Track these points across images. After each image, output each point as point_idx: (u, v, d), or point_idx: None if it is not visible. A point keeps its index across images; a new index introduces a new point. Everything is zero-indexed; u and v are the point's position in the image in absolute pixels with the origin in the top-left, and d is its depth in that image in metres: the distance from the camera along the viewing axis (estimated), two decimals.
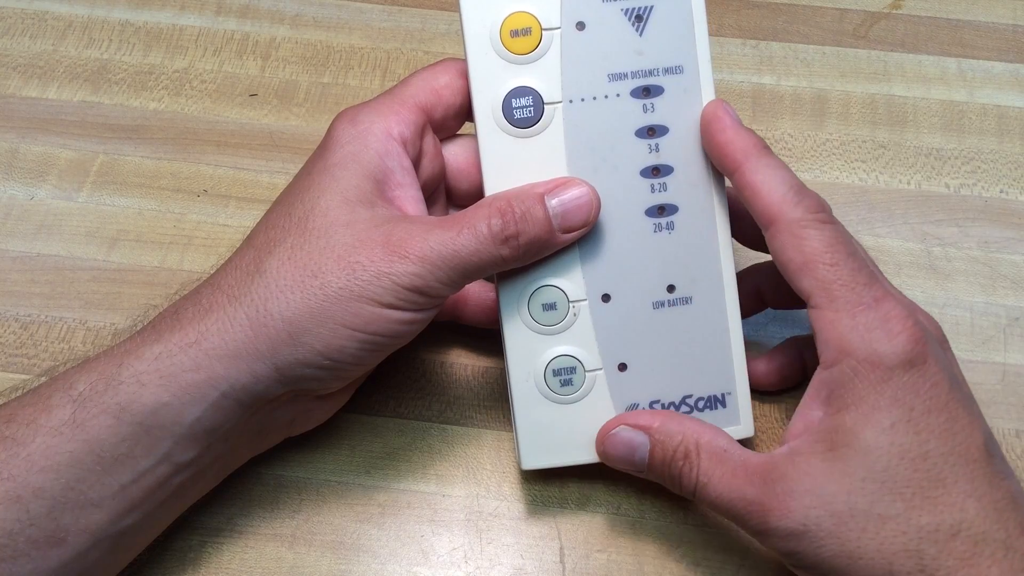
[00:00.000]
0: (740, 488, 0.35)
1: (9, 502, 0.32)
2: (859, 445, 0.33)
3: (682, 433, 0.37)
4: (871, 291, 0.34)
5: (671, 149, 0.38)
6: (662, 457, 0.37)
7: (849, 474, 0.33)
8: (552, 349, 0.38)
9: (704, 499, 0.36)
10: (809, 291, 0.35)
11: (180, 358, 0.34)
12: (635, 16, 0.37)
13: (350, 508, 0.42)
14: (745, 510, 0.34)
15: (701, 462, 0.36)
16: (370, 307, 0.35)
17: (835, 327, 0.34)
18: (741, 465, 0.35)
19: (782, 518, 0.33)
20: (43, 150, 0.52)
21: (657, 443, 0.37)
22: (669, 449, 0.37)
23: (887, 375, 0.33)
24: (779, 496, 0.34)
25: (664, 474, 0.37)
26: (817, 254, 0.35)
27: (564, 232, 0.36)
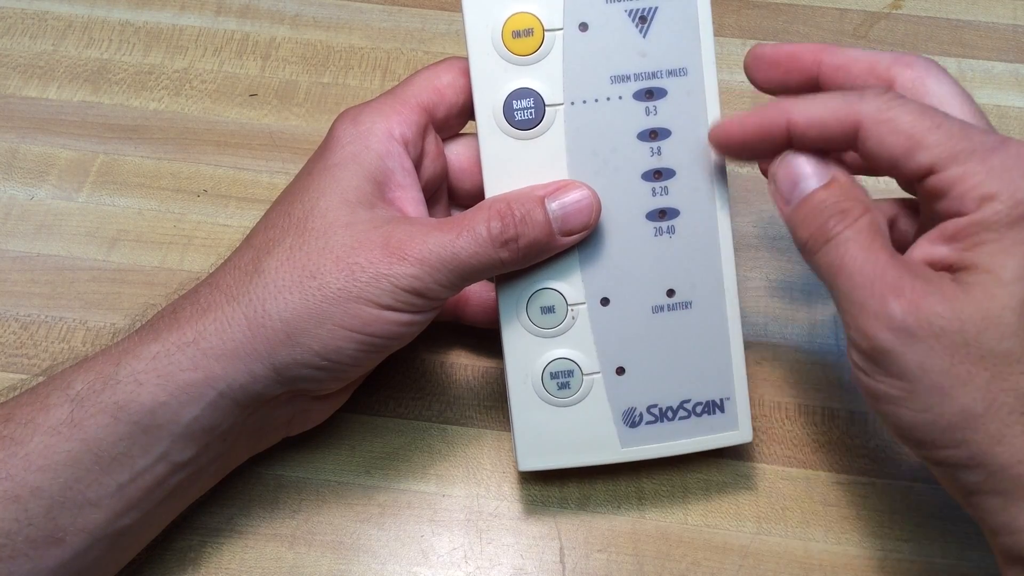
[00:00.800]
0: (880, 261, 0.32)
1: (7, 502, 0.32)
2: (1002, 275, 0.30)
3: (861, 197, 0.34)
4: (990, 136, 0.32)
5: (673, 152, 0.38)
6: (824, 200, 0.34)
7: (988, 300, 0.30)
8: (550, 352, 0.38)
9: (832, 253, 0.33)
10: (929, 161, 0.32)
11: (178, 357, 0.34)
12: (639, 17, 0.37)
13: (350, 508, 0.42)
14: (871, 281, 0.32)
15: (859, 223, 0.33)
16: (368, 308, 0.35)
17: (969, 178, 0.31)
18: (890, 248, 0.33)
19: (908, 309, 0.31)
20: (43, 150, 0.52)
21: (836, 183, 0.34)
22: (839, 196, 0.34)
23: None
24: (916, 288, 0.31)
25: (811, 212, 0.34)
26: (916, 125, 0.32)
27: (564, 235, 0.36)
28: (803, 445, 0.44)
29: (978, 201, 0.31)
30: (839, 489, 0.42)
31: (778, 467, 0.43)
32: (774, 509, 0.42)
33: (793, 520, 0.42)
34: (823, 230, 0.33)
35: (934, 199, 0.32)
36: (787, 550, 0.41)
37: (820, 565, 0.41)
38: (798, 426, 0.44)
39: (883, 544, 0.41)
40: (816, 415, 0.44)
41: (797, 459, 0.43)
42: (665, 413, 0.39)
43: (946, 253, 0.32)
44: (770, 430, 0.44)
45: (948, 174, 0.31)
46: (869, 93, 0.33)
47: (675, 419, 0.39)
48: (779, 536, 0.41)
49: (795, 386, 0.45)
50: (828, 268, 0.33)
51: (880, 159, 0.33)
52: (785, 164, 0.35)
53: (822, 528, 0.42)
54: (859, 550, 0.41)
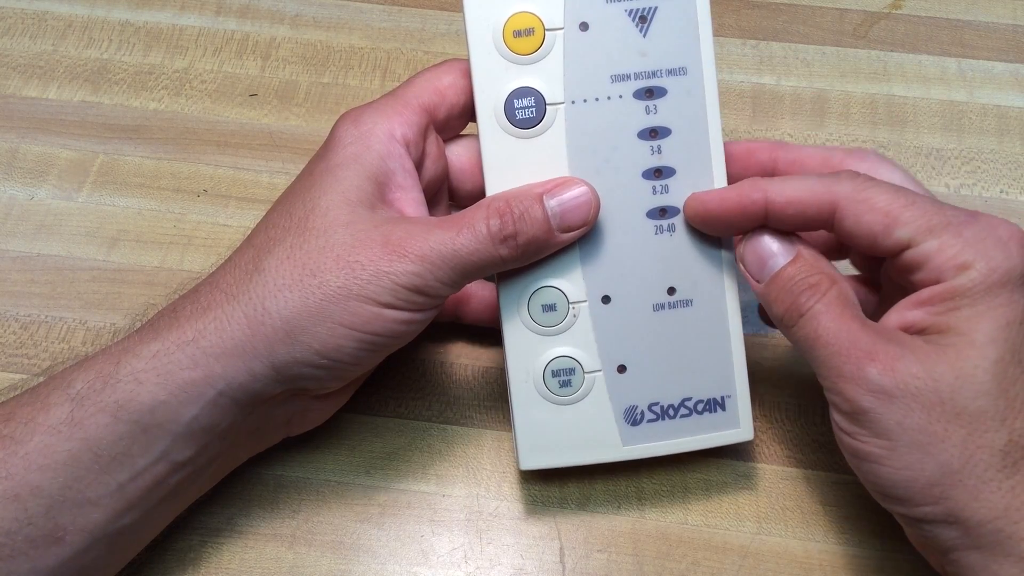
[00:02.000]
0: (852, 330, 0.34)
1: (7, 501, 0.32)
2: (974, 337, 0.32)
3: (825, 268, 0.36)
4: (960, 211, 0.34)
5: (673, 151, 0.38)
6: (793, 274, 0.36)
7: (961, 361, 0.32)
8: (551, 350, 0.38)
9: (808, 325, 0.35)
10: (906, 237, 0.34)
11: (177, 356, 0.34)
12: (639, 17, 0.37)
13: (350, 508, 0.42)
14: (847, 350, 0.33)
15: (828, 295, 0.35)
16: (368, 306, 0.35)
17: (946, 250, 0.33)
18: (860, 317, 0.34)
19: (883, 372, 0.32)
20: (43, 150, 0.52)
21: (801, 259, 0.36)
22: (806, 270, 0.36)
23: (1004, 279, 0.32)
24: (889, 353, 0.33)
25: (782, 289, 0.36)
26: (892, 203, 0.34)
27: (563, 232, 0.36)
28: (803, 445, 0.44)
29: (954, 270, 0.33)
30: (839, 489, 0.42)
31: (778, 467, 0.43)
32: (774, 509, 0.42)
33: (793, 520, 0.42)
34: (796, 306, 0.35)
35: (910, 272, 0.34)
36: (787, 550, 0.41)
37: (820, 565, 0.41)
38: (798, 426, 0.44)
39: (883, 544, 0.41)
40: (816, 415, 0.44)
41: (797, 459, 0.43)
42: (666, 411, 0.39)
43: (921, 317, 0.34)
44: (770, 430, 0.44)
45: (925, 247, 0.33)
46: (844, 175, 0.35)
47: (676, 417, 0.39)
48: (779, 536, 0.41)
49: (795, 386, 0.45)
50: (805, 340, 0.35)
51: (858, 237, 0.35)
52: (752, 244, 0.37)
53: (822, 528, 0.42)
54: (859, 550, 0.41)
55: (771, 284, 0.36)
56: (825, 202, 0.35)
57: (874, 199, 0.34)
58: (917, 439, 0.32)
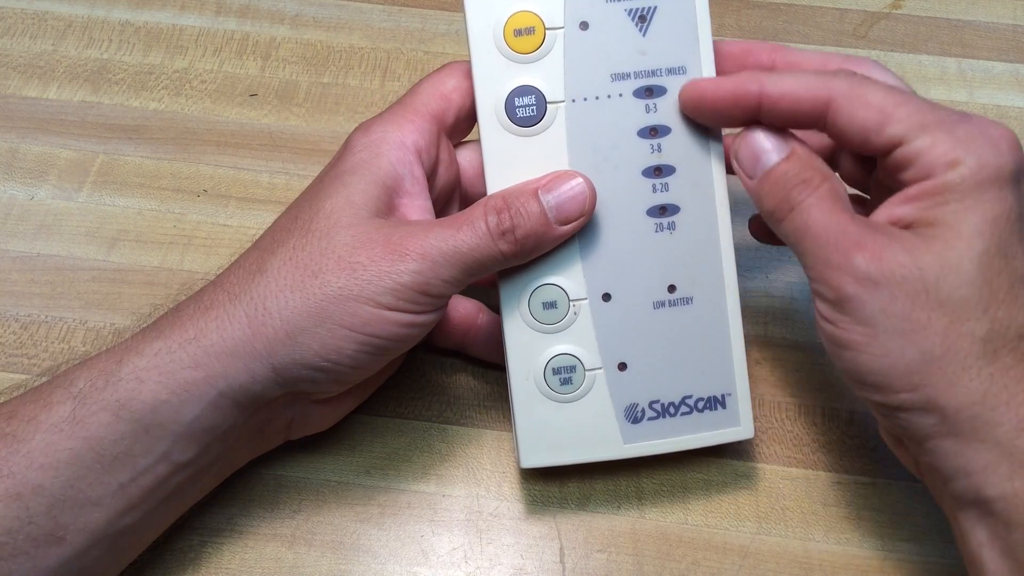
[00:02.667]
0: (842, 222, 0.34)
1: (9, 499, 0.32)
2: (961, 229, 0.32)
3: (819, 166, 0.36)
4: (953, 111, 0.34)
5: (673, 149, 0.38)
6: (786, 172, 0.36)
7: (947, 251, 0.32)
8: (552, 348, 0.38)
9: (798, 218, 0.35)
10: (899, 133, 0.34)
11: (179, 355, 0.34)
12: (639, 16, 0.37)
13: (350, 508, 0.42)
14: (836, 240, 0.34)
15: (820, 190, 0.35)
16: (369, 308, 0.35)
17: (937, 146, 0.33)
18: (850, 210, 0.35)
19: (870, 260, 0.33)
20: (43, 150, 0.52)
21: (795, 155, 0.36)
22: (800, 167, 0.36)
23: (994, 176, 0.33)
24: (877, 242, 0.33)
25: (775, 183, 0.36)
26: (886, 100, 0.34)
27: (561, 224, 0.36)
28: (803, 445, 0.44)
29: (945, 167, 0.33)
30: (839, 489, 0.42)
31: (778, 467, 0.43)
32: (774, 509, 0.42)
33: (793, 520, 0.42)
34: (787, 199, 0.35)
35: (901, 169, 0.34)
36: (787, 550, 0.41)
37: (820, 565, 0.41)
38: (798, 426, 0.44)
39: (883, 544, 0.41)
40: (816, 415, 0.44)
41: (797, 459, 0.43)
42: (667, 409, 0.39)
43: (909, 211, 0.34)
44: (770, 430, 0.44)
45: (916, 144, 0.33)
46: (840, 73, 0.35)
47: (677, 415, 0.39)
48: (779, 536, 0.41)
49: (795, 386, 0.45)
50: (795, 232, 0.35)
51: (850, 133, 0.35)
52: (746, 140, 0.37)
53: (822, 528, 0.42)
54: (859, 550, 0.41)
55: (764, 179, 0.36)
56: (820, 97, 0.35)
57: (868, 96, 0.34)
58: (899, 326, 0.32)
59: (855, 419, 0.44)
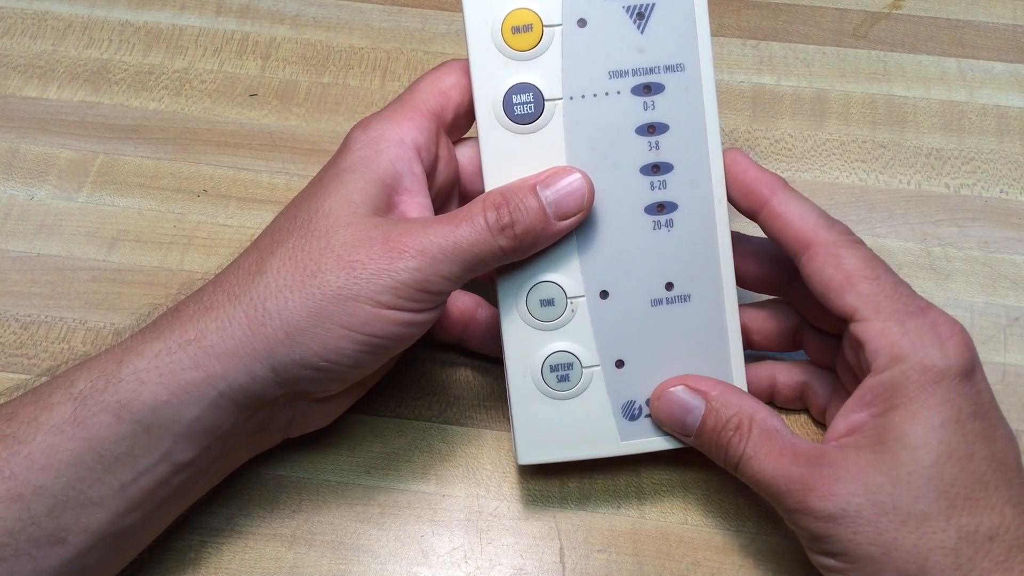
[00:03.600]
0: (785, 467, 0.35)
1: (10, 500, 0.32)
2: (908, 441, 0.33)
3: (738, 406, 0.37)
4: (915, 301, 0.35)
5: (671, 147, 0.38)
6: (714, 425, 0.37)
7: (897, 467, 0.33)
8: (550, 345, 0.38)
9: (746, 472, 0.36)
10: (854, 306, 0.35)
11: (179, 356, 0.34)
12: (636, 14, 0.37)
13: (350, 508, 0.42)
14: (786, 487, 0.35)
15: (752, 436, 0.36)
16: (368, 307, 0.34)
17: (885, 336, 0.34)
18: (789, 446, 0.36)
19: (823, 499, 0.33)
20: (43, 150, 0.52)
21: (712, 410, 0.37)
22: (723, 418, 0.37)
23: (939, 378, 0.34)
24: (824, 479, 0.34)
25: (711, 442, 0.37)
26: (857, 270, 0.35)
27: (559, 219, 0.36)
28: None
29: (888, 360, 0.34)
30: None
31: None
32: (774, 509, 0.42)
33: None
34: (729, 457, 0.37)
35: (854, 346, 0.36)
36: (787, 550, 0.41)
37: None
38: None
39: None
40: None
41: None
42: None
43: (863, 420, 0.35)
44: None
45: (867, 326, 0.35)
46: (839, 227, 0.37)
47: None
48: (779, 536, 0.41)
49: None
50: (751, 484, 0.37)
51: (814, 284, 0.36)
52: (665, 402, 0.38)
53: None
54: None
55: (699, 439, 0.38)
56: (803, 237, 0.36)
57: (845, 258, 0.36)
58: (871, 552, 0.33)
59: None
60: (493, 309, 0.43)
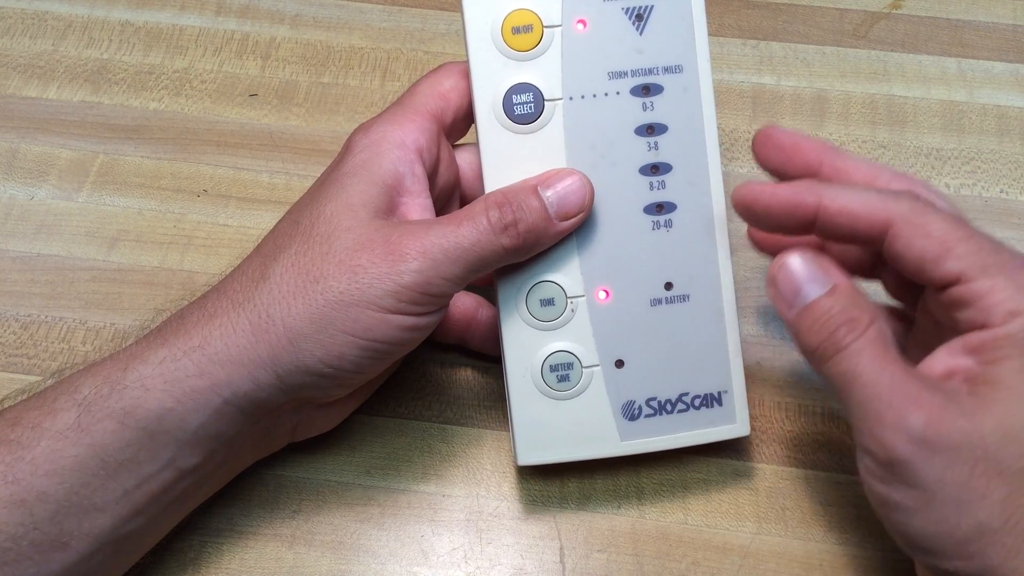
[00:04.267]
0: (893, 375, 0.32)
1: (13, 506, 0.32)
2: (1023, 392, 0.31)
3: (865, 304, 0.33)
4: (1014, 255, 0.33)
5: (670, 147, 0.38)
6: (830, 309, 0.33)
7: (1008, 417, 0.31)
8: (550, 345, 0.38)
9: (841, 365, 0.33)
10: (958, 270, 0.32)
11: (184, 363, 0.34)
12: (635, 15, 0.37)
13: (350, 508, 0.42)
14: (888, 395, 0.31)
15: (867, 333, 0.33)
16: (370, 312, 0.34)
17: (996, 292, 0.31)
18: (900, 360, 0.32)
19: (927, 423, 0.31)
20: (43, 150, 0.52)
21: (839, 292, 0.34)
22: (844, 305, 0.33)
23: None
24: (933, 403, 0.31)
25: (815, 323, 0.33)
26: (948, 233, 0.32)
27: (561, 220, 0.36)
28: (803, 445, 0.44)
29: (1005, 316, 0.31)
30: (839, 489, 0.42)
31: (778, 467, 0.43)
32: (774, 509, 0.42)
33: (793, 520, 0.42)
34: (832, 340, 0.33)
35: (956, 308, 0.33)
36: (787, 550, 0.41)
37: (820, 565, 0.41)
38: (798, 426, 0.44)
39: (883, 544, 0.41)
40: (816, 415, 0.44)
41: (797, 459, 0.43)
42: (664, 406, 0.39)
43: (967, 365, 0.32)
44: (770, 430, 0.44)
45: (975, 285, 0.32)
46: (903, 195, 0.34)
47: (674, 412, 0.39)
48: (779, 536, 0.41)
49: (795, 386, 0.45)
50: (841, 378, 0.33)
51: (906, 261, 0.33)
52: (785, 269, 0.35)
53: (822, 528, 0.41)
54: (859, 550, 0.41)
55: (804, 314, 0.34)
56: (879, 219, 0.33)
57: (931, 225, 0.33)
58: (955, 494, 0.30)
59: None
60: (494, 309, 0.43)
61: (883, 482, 0.32)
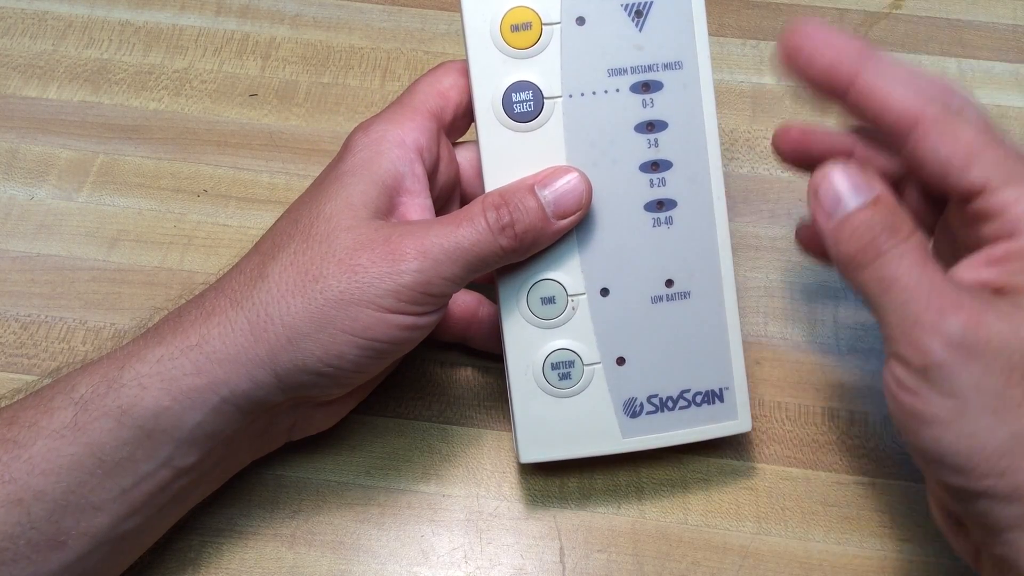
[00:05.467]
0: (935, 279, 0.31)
1: (10, 505, 0.32)
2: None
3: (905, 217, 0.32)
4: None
5: (670, 144, 0.38)
6: (871, 217, 0.32)
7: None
8: (551, 343, 0.38)
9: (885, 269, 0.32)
10: (983, 178, 0.31)
11: (181, 361, 0.34)
12: (635, 12, 0.37)
13: (350, 508, 0.42)
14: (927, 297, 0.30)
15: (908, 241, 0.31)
16: (370, 311, 0.34)
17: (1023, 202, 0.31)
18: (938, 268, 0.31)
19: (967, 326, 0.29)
20: (43, 150, 0.52)
21: (882, 203, 0.32)
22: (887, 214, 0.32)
23: None
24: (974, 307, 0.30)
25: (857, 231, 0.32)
26: (978, 141, 0.32)
27: (559, 219, 0.36)
28: (803, 445, 0.43)
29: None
30: (839, 489, 0.42)
31: (778, 467, 0.43)
32: (774, 509, 0.42)
33: (793, 520, 0.42)
34: (873, 245, 0.32)
35: (980, 220, 0.32)
36: (787, 550, 0.41)
37: (820, 565, 0.41)
38: (798, 426, 0.44)
39: (883, 544, 0.41)
40: (816, 415, 0.44)
41: (797, 459, 0.43)
42: (665, 403, 0.39)
43: (995, 275, 0.31)
44: (770, 430, 0.44)
45: (1001, 196, 0.31)
46: (939, 96, 0.33)
47: (675, 409, 0.39)
48: (779, 536, 0.41)
49: (795, 386, 0.45)
50: (878, 283, 0.32)
51: (930, 164, 0.32)
52: (828, 179, 0.34)
53: (822, 528, 0.41)
54: (859, 550, 0.41)
55: (846, 222, 0.33)
56: (909, 114, 0.33)
57: (959, 130, 0.32)
58: (991, 403, 0.29)
59: (855, 419, 0.44)
60: (495, 307, 0.43)
61: (915, 393, 0.31)
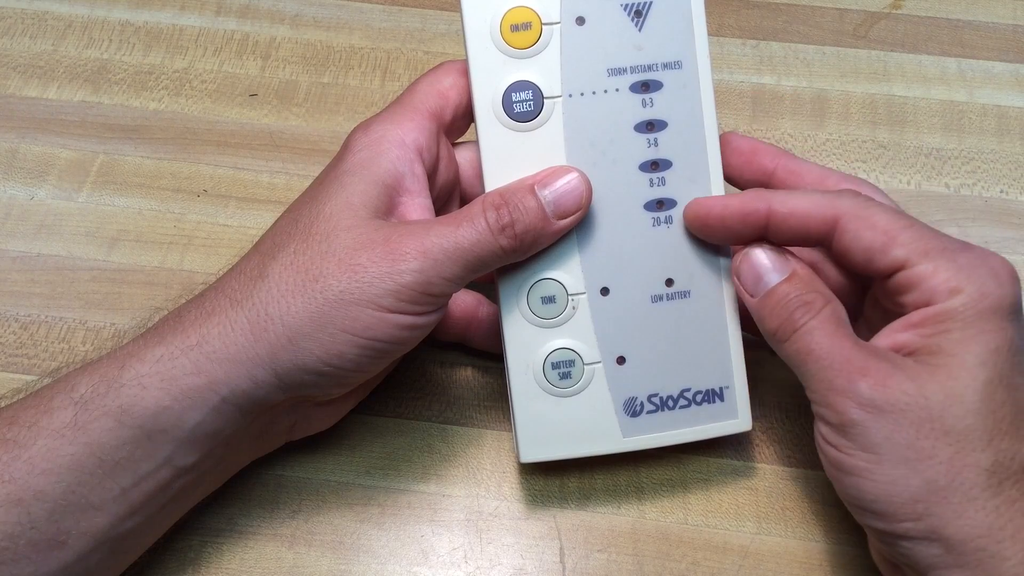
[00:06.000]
0: (845, 347, 0.34)
1: (10, 505, 0.32)
2: (966, 360, 0.33)
3: (820, 289, 0.36)
4: (954, 240, 0.35)
5: (670, 144, 0.38)
6: (787, 292, 0.36)
7: (951, 381, 0.32)
8: (551, 342, 0.38)
9: (800, 342, 0.35)
10: (903, 257, 0.34)
11: (181, 361, 0.34)
12: (634, 11, 0.37)
13: (350, 508, 0.42)
14: (839, 365, 0.34)
15: (822, 313, 0.35)
16: (370, 311, 0.34)
17: (939, 273, 0.34)
18: (851, 335, 0.35)
19: (874, 387, 0.33)
20: (43, 150, 0.52)
21: (796, 278, 0.36)
22: (801, 289, 0.36)
23: (996, 305, 0.33)
24: (881, 370, 0.33)
25: (776, 305, 0.36)
26: (892, 224, 0.35)
27: (558, 219, 0.36)
28: (803, 445, 0.43)
29: (947, 293, 0.33)
30: None
31: (778, 467, 0.43)
32: (774, 509, 0.42)
33: (793, 520, 0.42)
34: (790, 321, 0.35)
35: (902, 292, 0.35)
36: (787, 550, 0.41)
37: (820, 565, 0.41)
38: (798, 426, 0.44)
39: None
40: None
41: (797, 459, 0.43)
42: (666, 402, 0.39)
43: (911, 339, 0.34)
44: (770, 430, 0.44)
45: (919, 269, 0.34)
46: (846, 193, 0.36)
47: (676, 408, 0.39)
48: (779, 536, 0.41)
49: (795, 386, 0.44)
50: (797, 354, 0.35)
51: (855, 253, 0.35)
52: (748, 259, 0.37)
53: (822, 528, 0.41)
54: (859, 550, 0.41)
55: (765, 299, 0.37)
56: (827, 216, 0.35)
57: (875, 218, 0.35)
58: (904, 454, 0.32)
59: None
60: (495, 307, 0.43)
61: (837, 447, 0.34)
